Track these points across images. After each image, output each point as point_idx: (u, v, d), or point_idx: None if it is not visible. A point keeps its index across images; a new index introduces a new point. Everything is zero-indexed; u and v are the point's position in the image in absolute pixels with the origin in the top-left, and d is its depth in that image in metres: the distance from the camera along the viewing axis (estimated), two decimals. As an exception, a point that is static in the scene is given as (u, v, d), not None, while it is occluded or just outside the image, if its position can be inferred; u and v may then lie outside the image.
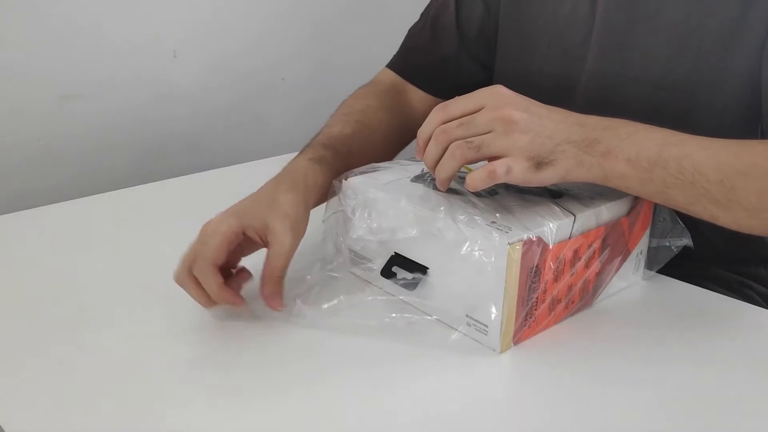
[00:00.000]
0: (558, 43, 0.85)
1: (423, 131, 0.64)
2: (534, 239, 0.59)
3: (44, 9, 1.08)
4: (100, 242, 0.84)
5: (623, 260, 0.70)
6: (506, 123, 0.60)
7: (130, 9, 1.17)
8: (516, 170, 0.60)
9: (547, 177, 0.61)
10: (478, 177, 0.61)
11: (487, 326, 0.62)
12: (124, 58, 1.18)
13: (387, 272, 0.68)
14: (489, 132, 0.61)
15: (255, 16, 1.33)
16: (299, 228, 0.67)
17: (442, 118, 0.63)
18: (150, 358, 0.61)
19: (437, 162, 0.63)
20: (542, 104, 0.64)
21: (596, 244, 0.65)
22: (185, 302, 0.70)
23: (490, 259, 0.59)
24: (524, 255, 0.58)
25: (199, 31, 1.26)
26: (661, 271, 0.75)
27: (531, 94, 0.92)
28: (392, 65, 0.96)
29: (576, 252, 0.63)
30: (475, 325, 0.63)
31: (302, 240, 0.68)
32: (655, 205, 0.71)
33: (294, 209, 0.68)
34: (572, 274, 0.64)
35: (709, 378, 0.60)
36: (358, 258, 0.73)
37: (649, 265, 0.74)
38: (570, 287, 0.65)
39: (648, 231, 0.72)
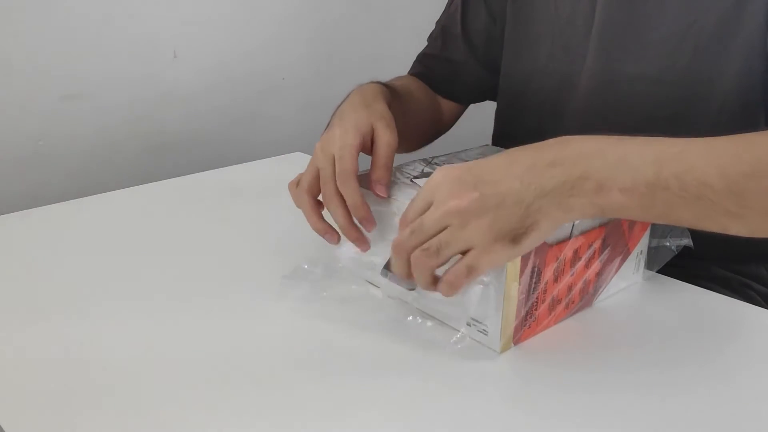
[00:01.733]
0: (560, 42, 0.85)
1: (391, 247, 0.60)
2: None
3: (44, 9, 1.08)
4: (100, 242, 0.84)
5: (623, 260, 0.70)
6: (456, 215, 0.54)
7: (131, 9, 1.17)
8: (489, 259, 0.55)
9: (531, 244, 0.55)
10: (457, 277, 0.56)
11: (487, 326, 0.62)
12: (125, 58, 1.18)
13: (387, 272, 0.68)
14: (444, 229, 0.55)
15: (255, 16, 1.33)
16: (394, 126, 0.71)
17: (401, 227, 0.59)
18: (150, 357, 0.61)
19: (408, 275, 0.59)
20: (498, 157, 0.57)
21: (596, 244, 0.65)
22: (186, 301, 0.71)
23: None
24: (524, 255, 0.58)
25: (199, 31, 1.26)
26: (661, 271, 0.75)
27: (534, 93, 0.92)
28: (413, 73, 1.01)
29: (576, 252, 0.63)
30: (475, 325, 0.63)
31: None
32: None
33: (387, 112, 0.73)
34: (572, 274, 0.64)
35: (709, 378, 0.59)
36: (354, 253, 0.73)
37: (649, 265, 0.74)
38: (570, 287, 0.65)
39: (648, 231, 0.72)
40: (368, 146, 0.70)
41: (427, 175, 0.71)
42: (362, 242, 0.68)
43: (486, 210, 0.54)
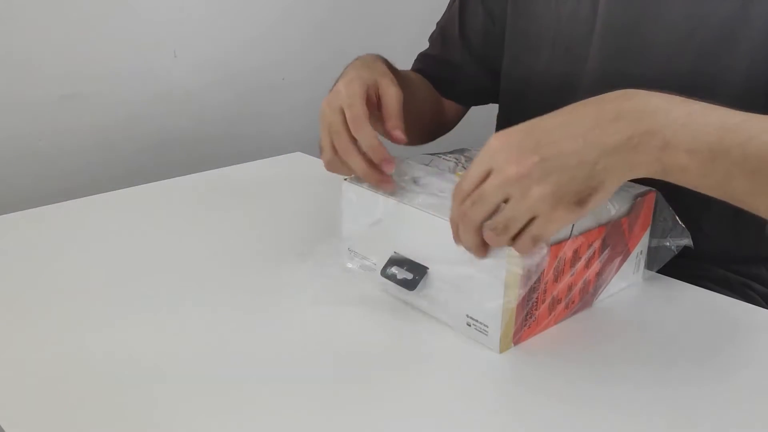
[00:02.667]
0: (561, 42, 0.85)
1: (451, 218, 0.59)
2: None
3: (44, 9, 1.08)
4: (100, 242, 0.84)
5: (623, 260, 0.70)
6: (517, 183, 0.52)
7: (131, 9, 1.17)
8: (554, 227, 0.54)
9: (595, 206, 0.54)
10: (523, 248, 0.56)
11: (487, 326, 0.62)
12: (125, 58, 1.18)
13: (386, 272, 0.68)
14: (506, 200, 0.54)
15: (255, 16, 1.33)
16: (397, 84, 0.73)
17: (460, 198, 0.57)
18: (151, 357, 0.61)
19: (482, 246, 0.57)
20: (557, 115, 0.55)
21: (596, 244, 0.65)
22: (186, 301, 0.71)
23: (490, 260, 0.59)
24: (525, 255, 0.58)
25: (199, 31, 1.26)
26: (661, 271, 0.75)
27: (536, 94, 0.92)
28: (414, 69, 1.01)
29: (576, 252, 0.63)
30: (475, 325, 0.63)
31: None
32: (655, 205, 0.71)
33: (389, 70, 0.76)
34: (572, 274, 0.64)
35: (709, 378, 0.59)
36: (353, 253, 0.73)
37: (649, 265, 0.74)
38: (570, 287, 0.65)
39: (648, 231, 0.72)
40: (373, 102, 0.71)
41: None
42: (387, 183, 0.68)
43: (548, 174, 0.52)
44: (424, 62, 1.01)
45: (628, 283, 0.73)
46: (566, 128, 0.53)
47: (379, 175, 0.68)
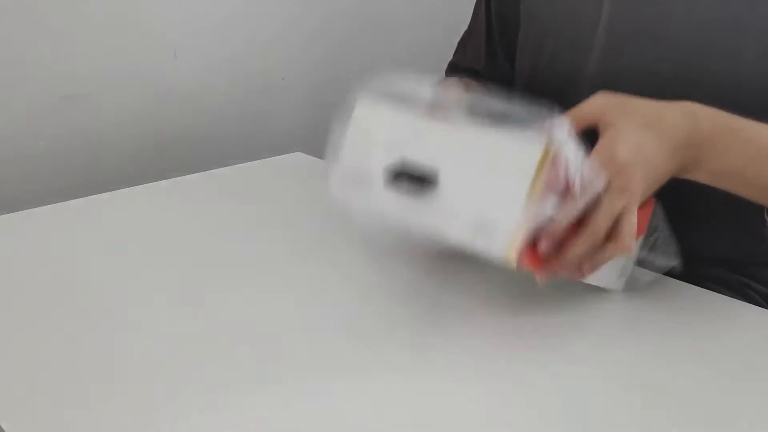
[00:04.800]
0: (564, 37, 0.84)
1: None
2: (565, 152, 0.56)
3: (44, 9, 1.08)
4: (99, 242, 0.84)
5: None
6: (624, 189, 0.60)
7: (131, 9, 1.17)
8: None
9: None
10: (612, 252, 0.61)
11: (497, 223, 0.57)
12: (125, 58, 1.18)
13: (392, 178, 0.62)
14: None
15: (255, 16, 1.33)
16: None
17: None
18: (151, 358, 0.61)
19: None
20: (654, 137, 0.62)
21: None
22: (186, 301, 0.70)
23: (518, 155, 0.56)
24: (555, 161, 0.55)
25: (199, 31, 1.26)
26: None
27: (538, 88, 0.91)
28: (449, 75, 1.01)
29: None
30: (482, 228, 0.57)
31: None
32: (652, 216, 0.69)
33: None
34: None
35: (709, 378, 0.59)
36: (347, 178, 0.66)
37: (629, 285, 0.71)
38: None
39: (641, 239, 0.69)
40: None
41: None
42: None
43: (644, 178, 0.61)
44: (455, 72, 1.00)
45: (608, 285, 0.70)
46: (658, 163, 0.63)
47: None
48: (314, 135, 0.80)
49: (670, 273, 0.75)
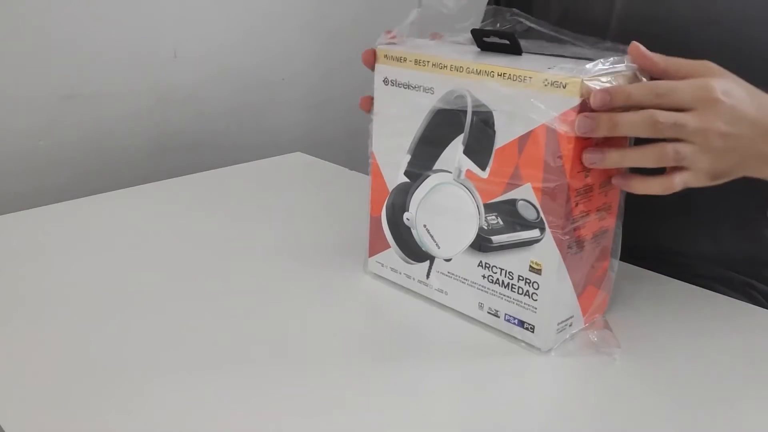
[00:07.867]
0: (583, 20, 0.83)
1: (619, 88, 0.57)
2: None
3: (44, 9, 1.08)
4: (100, 242, 0.84)
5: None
6: (703, 135, 0.56)
7: (131, 9, 1.17)
8: (691, 183, 0.58)
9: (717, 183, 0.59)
10: (656, 185, 0.58)
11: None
12: (125, 58, 1.18)
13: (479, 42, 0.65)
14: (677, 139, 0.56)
15: (255, 16, 1.33)
16: None
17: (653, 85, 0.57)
18: (152, 357, 0.61)
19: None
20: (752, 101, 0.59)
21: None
22: (186, 302, 0.70)
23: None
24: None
25: (199, 31, 1.26)
26: (662, 271, 0.75)
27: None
28: None
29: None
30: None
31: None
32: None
33: None
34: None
35: (710, 378, 0.59)
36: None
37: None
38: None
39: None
40: None
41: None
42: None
43: (728, 152, 0.57)
44: None
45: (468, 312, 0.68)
46: (754, 116, 0.58)
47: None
48: (314, 135, 0.80)
49: (671, 273, 0.75)
